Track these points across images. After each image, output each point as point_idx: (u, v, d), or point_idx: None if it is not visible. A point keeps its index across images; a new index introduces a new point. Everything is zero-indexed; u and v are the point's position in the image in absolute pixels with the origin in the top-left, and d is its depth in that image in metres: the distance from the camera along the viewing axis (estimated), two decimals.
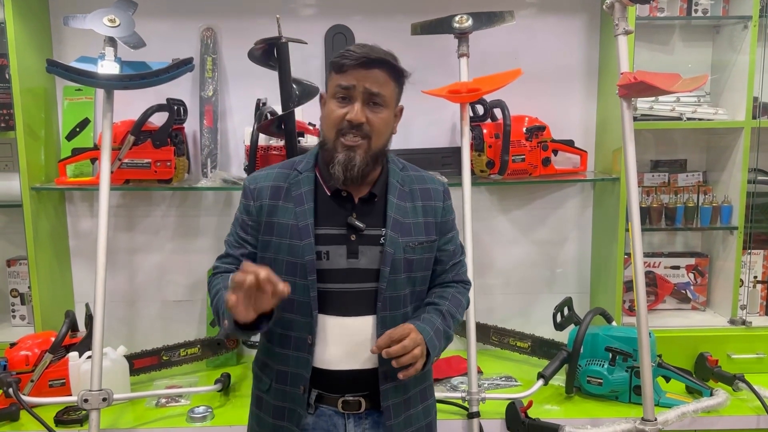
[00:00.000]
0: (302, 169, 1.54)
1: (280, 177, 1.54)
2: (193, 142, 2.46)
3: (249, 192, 1.54)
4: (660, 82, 1.82)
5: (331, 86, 1.45)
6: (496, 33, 2.21)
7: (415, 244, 1.51)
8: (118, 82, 1.91)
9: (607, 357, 2.12)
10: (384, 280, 1.47)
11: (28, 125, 2.24)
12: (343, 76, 1.42)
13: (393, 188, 1.52)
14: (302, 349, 1.47)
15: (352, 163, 1.43)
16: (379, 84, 1.43)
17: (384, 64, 1.43)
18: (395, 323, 1.46)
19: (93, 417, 1.85)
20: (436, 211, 1.57)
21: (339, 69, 1.43)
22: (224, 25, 2.43)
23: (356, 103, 1.42)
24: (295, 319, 1.47)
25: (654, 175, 2.56)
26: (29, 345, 2.14)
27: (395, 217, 1.50)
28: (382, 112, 1.45)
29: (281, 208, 1.50)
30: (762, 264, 2.52)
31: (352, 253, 1.47)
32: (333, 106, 1.44)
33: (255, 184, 1.54)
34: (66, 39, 2.41)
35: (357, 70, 1.41)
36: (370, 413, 1.51)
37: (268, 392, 1.54)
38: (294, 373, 1.49)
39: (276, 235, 1.49)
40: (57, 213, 2.45)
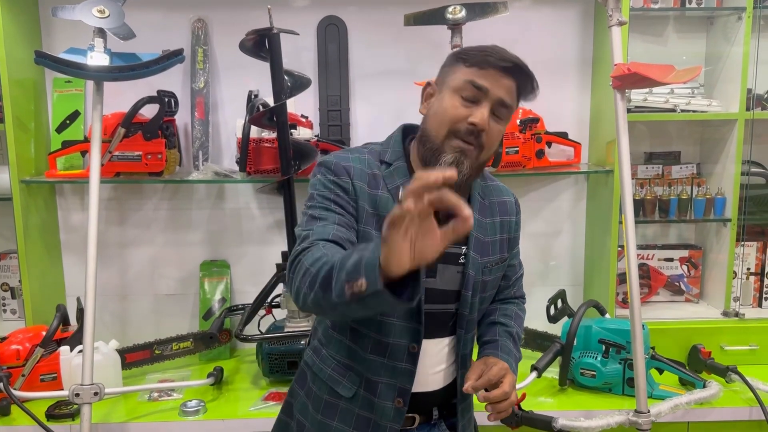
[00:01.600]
0: (390, 159, 1.35)
1: (373, 164, 1.34)
2: (185, 134, 2.44)
3: (342, 168, 1.30)
4: (654, 73, 1.82)
5: (458, 79, 1.28)
6: (490, 24, 2.19)
7: (492, 264, 1.41)
8: (108, 73, 1.89)
9: (601, 349, 2.13)
10: (466, 306, 1.37)
11: (17, 117, 2.21)
12: (479, 72, 1.26)
13: (475, 202, 1.40)
14: (401, 358, 1.34)
15: (459, 168, 1.26)
16: (511, 95, 1.30)
17: (522, 76, 1.30)
18: (467, 345, 1.41)
19: (85, 411, 1.84)
20: (511, 226, 1.47)
21: (477, 64, 1.27)
22: (215, 16, 2.41)
23: (484, 108, 1.27)
24: (396, 324, 1.33)
25: (648, 167, 2.56)
26: (20, 339, 2.13)
27: (477, 236, 1.38)
28: (501, 124, 1.31)
29: (383, 199, 1.30)
30: (755, 256, 2.53)
31: (431, 271, 1.34)
32: (455, 102, 1.27)
33: (348, 162, 1.32)
34: (55, 30, 2.38)
35: (497, 73, 1.27)
36: (422, 427, 1.43)
37: (353, 400, 1.37)
38: (388, 384, 1.35)
39: (375, 228, 1.29)
40: (47, 206, 2.43)
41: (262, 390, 2.16)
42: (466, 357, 1.44)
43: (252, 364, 2.36)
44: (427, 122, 1.32)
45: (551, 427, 1.91)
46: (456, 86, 1.28)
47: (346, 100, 2.44)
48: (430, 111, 1.33)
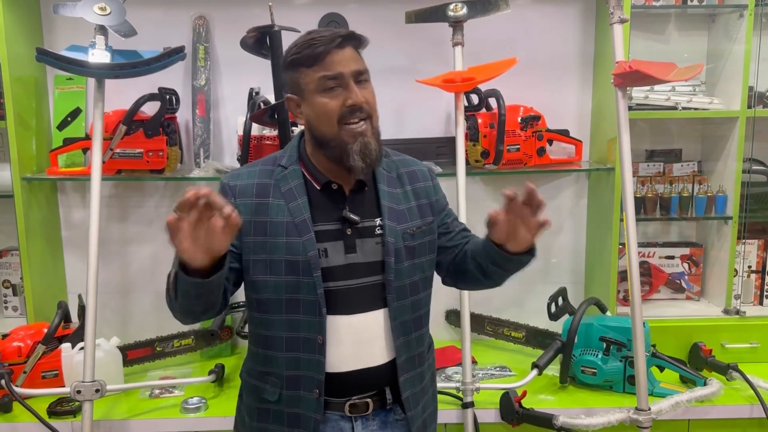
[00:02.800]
0: (286, 163, 1.45)
1: (264, 173, 1.45)
2: (186, 131, 2.44)
3: (228, 189, 1.44)
4: (655, 71, 1.82)
5: (312, 82, 1.36)
6: (491, 21, 2.19)
7: (413, 230, 1.47)
8: (109, 71, 1.89)
9: (602, 347, 2.13)
10: (391, 272, 1.42)
11: (18, 115, 2.21)
12: (322, 65, 1.34)
13: (381, 176, 1.48)
14: (313, 350, 1.40)
15: (368, 148, 1.37)
16: (358, 60, 1.38)
17: (353, 39, 1.38)
18: (404, 313, 1.45)
19: (86, 408, 1.84)
20: (428, 191, 1.53)
21: (314, 61, 1.35)
22: (216, 14, 2.41)
23: (352, 87, 1.35)
24: (302, 320, 1.40)
25: (649, 165, 2.56)
26: (21, 336, 2.13)
27: (389, 205, 1.45)
28: (370, 87, 1.41)
29: (272, 206, 1.41)
30: (756, 254, 2.52)
31: (350, 247, 1.42)
32: (324, 100, 1.36)
33: (236, 182, 1.45)
34: (56, 27, 2.38)
35: (334, 53, 1.34)
36: (377, 413, 1.46)
37: (278, 402, 1.44)
38: (306, 377, 1.41)
39: (270, 234, 1.40)
40: (49, 203, 2.43)
41: None
42: (406, 324, 1.46)
43: None
44: (316, 128, 1.40)
45: (552, 424, 1.91)
46: (315, 88, 1.36)
47: None
48: (311, 118, 1.40)
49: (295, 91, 1.41)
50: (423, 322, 1.52)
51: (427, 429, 1.54)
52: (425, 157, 2.37)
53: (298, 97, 1.41)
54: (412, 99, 2.45)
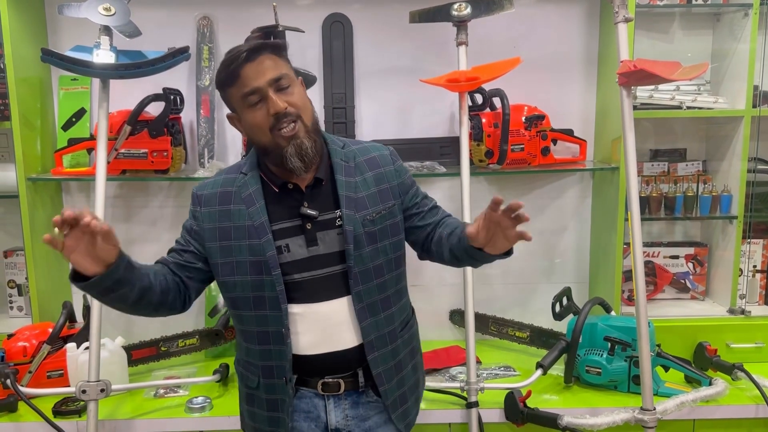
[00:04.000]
0: (246, 170, 1.55)
1: (227, 182, 1.55)
2: (190, 132, 2.45)
3: (195, 198, 1.57)
4: (660, 70, 1.81)
5: (236, 101, 1.46)
6: (495, 21, 2.19)
7: (373, 215, 1.52)
8: (114, 71, 1.90)
9: (606, 346, 2.12)
10: (351, 259, 1.49)
11: (23, 115, 2.22)
12: (241, 83, 1.43)
13: (338, 167, 1.54)
14: (279, 341, 1.50)
15: (302, 148, 1.44)
16: (275, 67, 1.43)
17: (265, 48, 1.44)
18: (371, 295, 1.51)
19: (91, 408, 1.85)
20: (389, 175, 1.58)
21: (231, 82, 1.44)
22: (221, 14, 2.41)
23: (270, 97, 1.42)
24: (268, 315, 1.50)
25: (653, 165, 2.55)
26: (27, 336, 2.14)
27: (347, 194, 1.51)
28: (294, 90, 1.46)
29: (234, 212, 1.51)
30: (761, 253, 2.52)
31: (311, 241, 1.50)
32: (250, 115, 1.45)
33: (202, 191, 1.56)
34: (61, 28, 2.39)
35: (248, 68, 1.41)
36: (350, 393, 1.55)
37: (258, 389, 1.56)
38: (277, 366, 1.51)
39: (234, 238, 1.50)
40: (54, 204, 2.43)
41: None
42: (374, 305, 1.52)
43: None
44: (254, 139, 1.50)
45: (557, 424, 1.91)
46: (241, 105, 1.45)
47: (351, 97, 2.44)
48: (247, 132, 1.50)
49: (231, 108, 1.51)
50: (392, 302, 1.57)
51: (408, 402, 1.61)
52: (429, 157, 2.38)
53: (234, 114, 1.51)
54: (416, 99, 2.45)
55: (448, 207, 2.46)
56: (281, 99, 1.43)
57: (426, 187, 2.54)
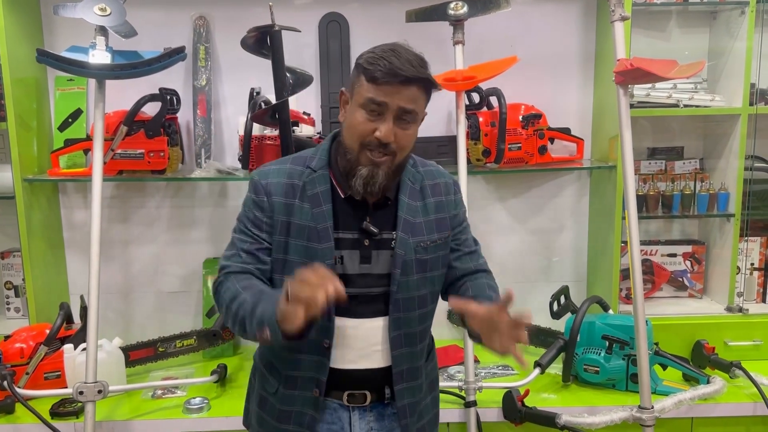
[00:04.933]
0: (316, 166, 1.45)
1: (293, 174, 1.45)
2: (187, 132, 2.44)
3: (261, 187, 1.45)
4: (657, 68, 1.81)
5: (361, 95, 1.35)
6: (492, 20, 2.19)
7: (427, 243, 1.46)
8: (110, 71, 1.89)
9: (604, 345, 2.12)
10: (395, 283, 1.43)
11: (19, 116, 2.21)
12: (377, 89, 1.33)
13: (404, 187, 1.47)
14: (317, 352, 1.43)
15: (374, 180, 1.37)
16: (413, 101, 1.36)
17: (422, 82, 1.36)
18: (409, 325, 1.46)
19: (89, 409, 1.84)
20: (449, 205, 1.52)
21: (373, 80, 1.33)
22: (217, 14, 2.41)
23: (388, 122, 1.34)
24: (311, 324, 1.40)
25: (651, 163, 2.55)
26: (24, 337, 2.13)
27: (406, 217, 1.45)
28: (410, 128, 1.39)
29: (297, 208, 1.43)
30: (759, 251, 2.52)
31: (365, 258, 1.44)
32: (360, 117, 1.36)
33: (266, 179, 1.45)
34: (57, 28, 2.38)
35: (393, 86, 1.33)
36: (375, 406, 1.50)
37: (275, 395, 1.50)
38: (306, 377, 1.45)
39: (292, 236, 1.42)
40: (50, 204, 2.43)
41: None
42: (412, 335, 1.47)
43: None
44: (343, 134, 1.42)
45: (555, 423, 1.91)
46: (360, 102, 1.35)
47: None
48: (345, 122, 1.41)
49: (348, 89, 1.42)
50: (426, 335, 1.54)
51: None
52: (426, 157, 2.34)
53: (348, 95, 1.41)
54: None
55: None
56: (393, 130, 1.35)
57: None
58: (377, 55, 1.34)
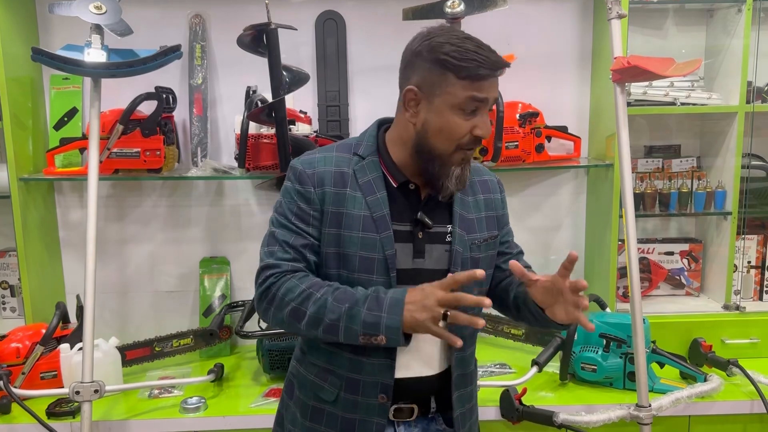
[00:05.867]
0: (364, 153, 1.38)
1: (341, 161, 1.37)
2: (183, 130, 2.44)
3: (307, 177, 1.35)
4: (654, 66, 1.81)
5: (454, 95, 1.26)
6: (489, 18, 2.18)
7: (480, 241, 1.42)
8: (105, 70, 1.88)
9: (601, 343, 2.12)
10: None
11: (14, 115, 2.20)
12: (479, 85, 1.26)
13: None
14: (381, 355, 1.34)
15: (464, 177, 1.34)
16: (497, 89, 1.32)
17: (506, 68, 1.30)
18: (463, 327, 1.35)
19: (85, 409, 1.84)
20: (496, 203, 1.49)
21: (472, 77, 1.25)
22: (213, 12, 2.40)
23: (485, 117, 1.29)
24: None
25: (648, 161, 2.55)
26: (20, 337, 2.12)
27: (461, 212, 1.40)
28: None
29: (349, 197, 1.34)
30: (756, 249, 2.52)
31: (419, 252, 1.36)
32: (459, 120, 1.28)
33: (313, 169, 1.36)
34: (52, 27, 2.37)
35: (491, 80, 1.27)
36: (420, 420, 1.43)
37: (335, 403, 1.38)
38: (370, 382, 1.36)
39: (345, 227, 1.33)
40: (46, 204, 2.42)
41: (262, 386, 2.16)
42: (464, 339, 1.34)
43: (252, 361, 2.36)
44: (428, 138, 1.31)
45: (552, 421, 1.91)
46: (456, 103, 1.27)
47: (344, 95, 2.43)
48: (429, 126, 1.31)
49: (423, 87, 1.30)
50: (475, 340, 1.49)
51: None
52: None
53: (423, 94, 1.30)
54: None
55: None
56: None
57: None
58: (463, 48, 1.25)
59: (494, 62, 1.26)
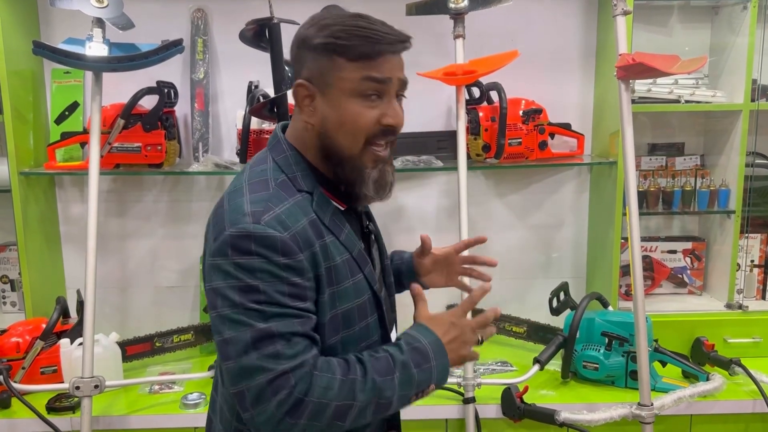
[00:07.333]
0: (307, 187, 1.14)
1: (303, 208, 1.11)
2: (184, 125, 2.43)
3: (290, 246, 1.05)
4: (659, 63, 1.80)
5: (348, 80, 1.08)
6: (493, 14, 2.17)
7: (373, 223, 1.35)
8: (107, 64, 1.88)
9: (603, 342, 2.11)
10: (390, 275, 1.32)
11: (15, 109, 2.20)
12: (373, 65, 1.08)
13: None
14: None
15: (385, 181, 1.15)
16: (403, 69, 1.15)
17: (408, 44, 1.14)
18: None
19: (85, 404, 1.83)
20: None
21: (362, 55, 1.08)
22: (215, 6, 2.39)
23: (393, 101, 1.13)
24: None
25: (651, 159, 2.54)
26: (20, 332, 2.12)
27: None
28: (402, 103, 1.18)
29: (331, 246, 1.12)
30: (759, 248, 2.51)
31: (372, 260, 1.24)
32: (358, 107, 1.09)
33: (292, 229, 1.06)
34: (53, 20, 2.36)
35: (388, 57, 1.10)
36: None
37: None
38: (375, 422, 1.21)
39: (336, 283, 1.12)
40: (47, 198, 2.41)
41: None
42: None
43: None
44: (332, 137, 1.12)
45: (554, 420, 1.90)
46: (351, 89, 1.09)
47: None
48: (329, 122, 1.11)
49: (314, 79, 1.11)
50: None
51: None
52: (426, 152, 2.36)
53: (315, 88, 1.11)
54: (412, 92, 2.36)
55: (445, 202, 2.48)
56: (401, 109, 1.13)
57: (422, 182, 2.54)
58: (350, 26, 1.09)
59: (388, 36, 1.09)
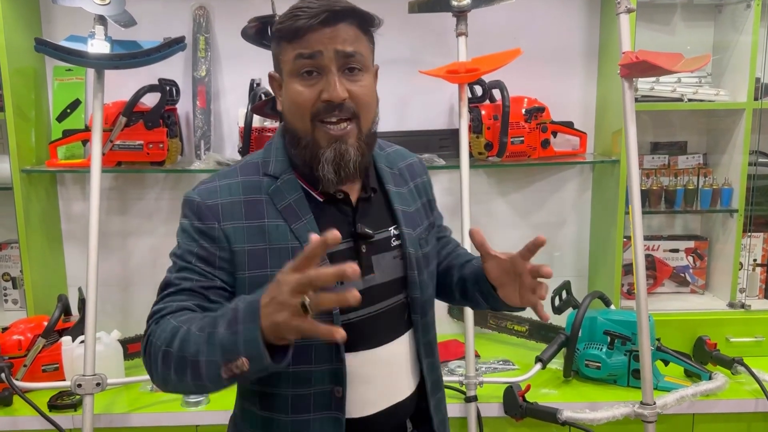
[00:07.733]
0: (276, 172, 1.16)
1: (251, 187, 1.15)
2: (186, 123, 2.42)
3: (207, 210, 1.12)
4: (662, 61, 1.79)
5: (287, 60, 1.10)
6: (496, 11, 2.17)
7: (424, 234, 1.27)
8: (109, 61, 1.87)
9: (606, 341, 2.11)
10: (416, 288, 1.21)
11: (17, 106, 2.19)
12: (302, 41, 1.08)
13: (386, 175, 1.25)
14: (328, 406, 1.15)
15: (345, 159, 1.11)
16: (351, 41, 1.10)
17: (352, 15, 1.10)
18: (428, 331, 1.26)
19: (87, 402, 1.83)
20: (426, 187, 1.34)
21: (291, 34, 1.08)
22: (217, 4, 2.38)
23: (331, 75, 1.09)
24: (315, 371, 1.13)
25: (653, 158, 2.54)
26: (21, 329, 2.12)
27: (402, 209, 1.24)
28: (363, 78, 1.13)
29: (270, 228, 1.12)
30: (762, 247, 2.51)
31: (368, 268, 1.17)
32: (299, 86, 1.10)
33: (214, 200, 1.13)
34: (55, 17, 2.36)
35: (318, 31, 1.07)
36: None
37: None
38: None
39: (271, 265, 1.11)
40: (48, 196, 2.41)
41: None
42: (429, 344, 1.28)
43: None
44: (288, 120, 1.15)
45: (556, 418, 1.90)
46: (290, 68, 1.11)
47: None
48: (284, 107, 1.16)
49: (277, 69, 1.17)
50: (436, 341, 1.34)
51: None
52: (428, 150, 2.36)
53: (279, 77, 1.16)
54: (414, 90, 2.42)
55: (448, 201, 2.47)
56: (344, 84, 1.09)
57: None
58: (289, 11, 1.10)
59: (310, 9, 1.07)
